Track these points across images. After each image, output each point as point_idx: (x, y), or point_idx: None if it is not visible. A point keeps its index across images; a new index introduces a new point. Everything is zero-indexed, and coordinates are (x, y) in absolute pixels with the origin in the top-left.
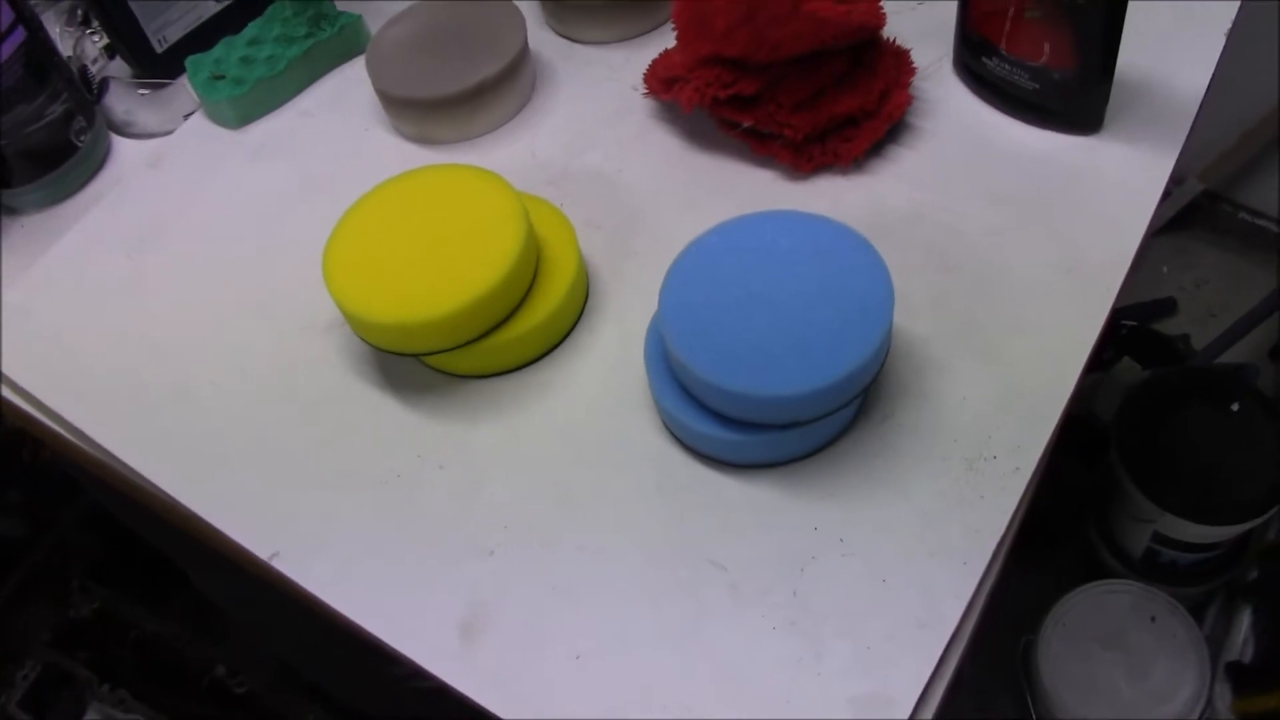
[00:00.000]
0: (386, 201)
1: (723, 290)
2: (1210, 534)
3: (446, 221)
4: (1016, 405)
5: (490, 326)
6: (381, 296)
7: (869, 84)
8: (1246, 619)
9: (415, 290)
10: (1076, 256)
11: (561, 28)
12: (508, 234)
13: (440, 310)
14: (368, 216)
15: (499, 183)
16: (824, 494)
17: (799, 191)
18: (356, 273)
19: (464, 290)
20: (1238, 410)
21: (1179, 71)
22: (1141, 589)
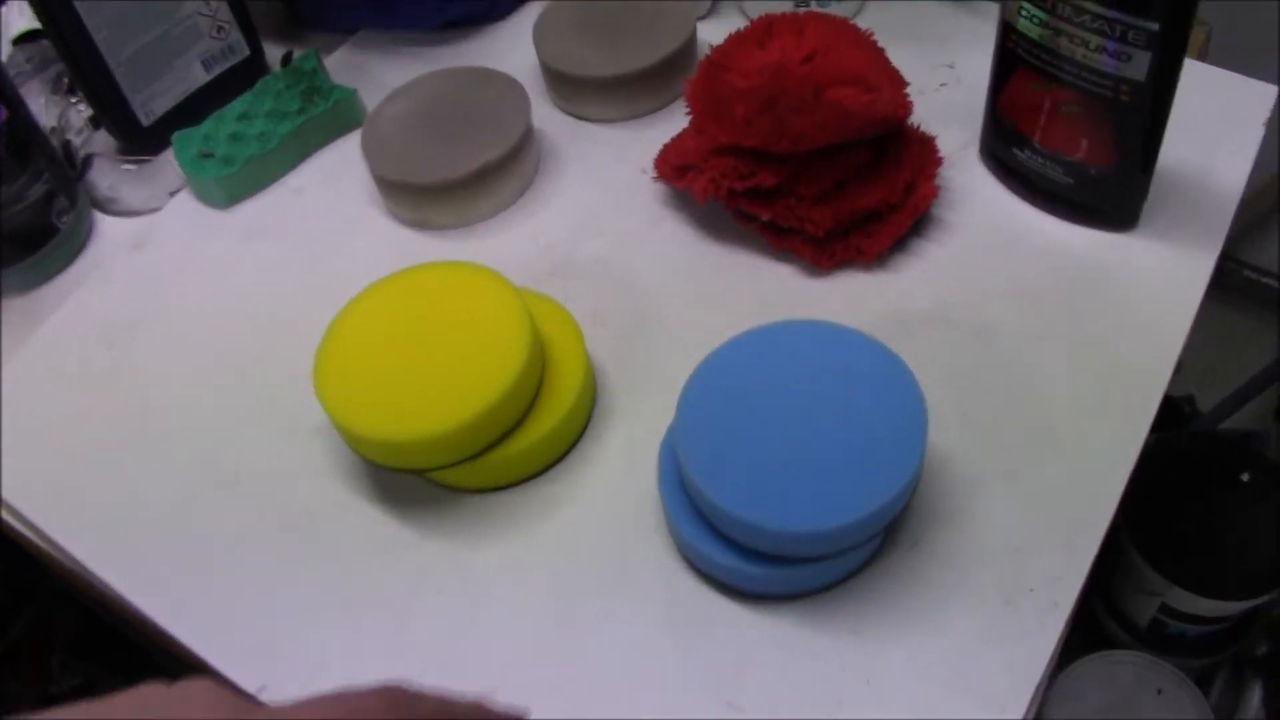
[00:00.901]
0: (380, 303)
1: (743, 411)
2: (1220, 608)
3: (445, 326)
4: (1054, 531)
5: (492, 441)
6: (376, 410)
7: (894, 175)
8: (1257, 694)
9: (412, 403)
10: (1114, 364)
11: (566, 104)
12: (512, 342)
13: (439, 427)
14: (360, 320)
15: (501, 284)
16: (850, 630)
17: (819, 289)
18: (349, 383)
19: (465, 405)
20: (1248, 481)
21: (1216, 162)
22: (1148, 660)
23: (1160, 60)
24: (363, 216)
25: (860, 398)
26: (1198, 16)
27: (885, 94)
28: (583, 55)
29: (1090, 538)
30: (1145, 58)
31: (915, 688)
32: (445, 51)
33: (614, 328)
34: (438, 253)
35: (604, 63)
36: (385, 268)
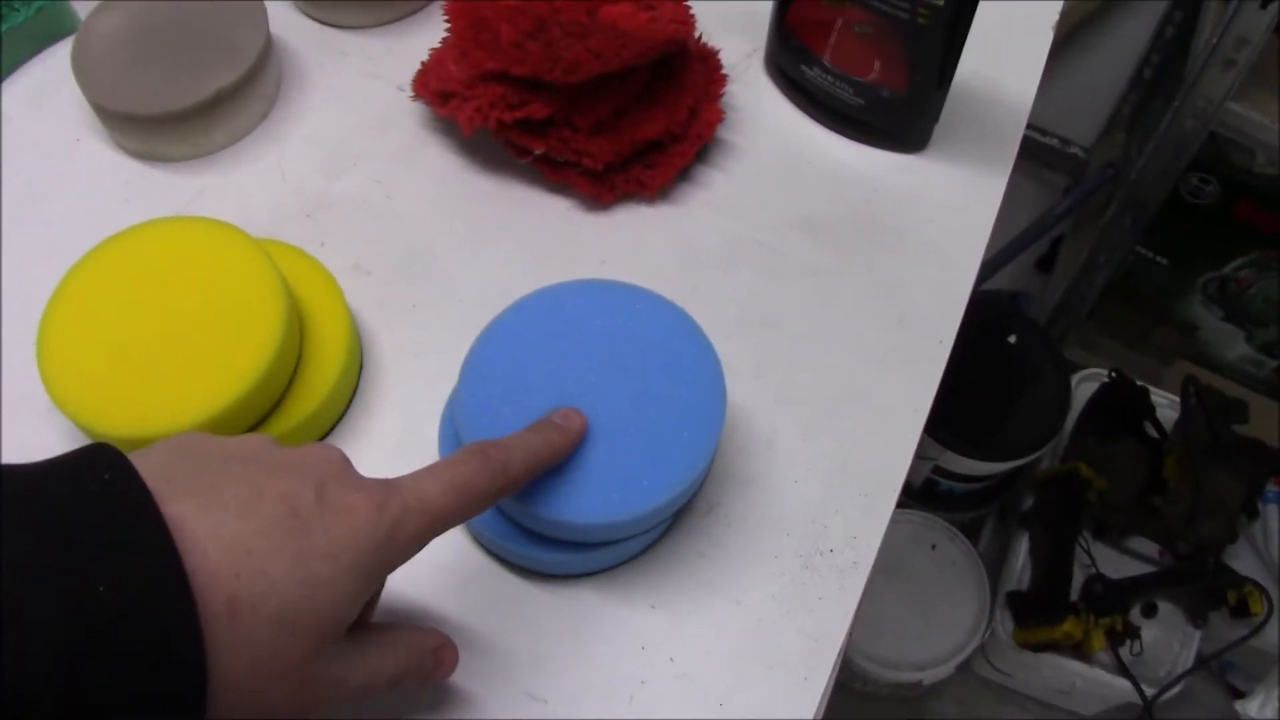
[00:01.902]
0: (110, 270)
1: (531, 388)
2: (990, 468)
3: (187, 297)
4: (850, 488)
5: (247, 429)
6: (112, 400)
7: (675, 99)
8: (1024, 546)
9: (154, 393)
10: (906, 303)
11: (310, 9)
12: (264, 316)
13: (185, 419)
14: (88, 290)
15: (248, 245)
16: (648, 604)
17: (599, 224)
18: (80, 368)
19: (213, 394)
20: (1014, 342)
21: (1005, 76)
22: (922, 517)
23: None
24: (81, 147)
25: (656, 370)
26: None
27: (665, 10)
28: None
29: (887, 494)
30: None
31: (718, 662)
32: None
33: (378, 277)
34: (171, 189)
35: None
36: (112, 210)
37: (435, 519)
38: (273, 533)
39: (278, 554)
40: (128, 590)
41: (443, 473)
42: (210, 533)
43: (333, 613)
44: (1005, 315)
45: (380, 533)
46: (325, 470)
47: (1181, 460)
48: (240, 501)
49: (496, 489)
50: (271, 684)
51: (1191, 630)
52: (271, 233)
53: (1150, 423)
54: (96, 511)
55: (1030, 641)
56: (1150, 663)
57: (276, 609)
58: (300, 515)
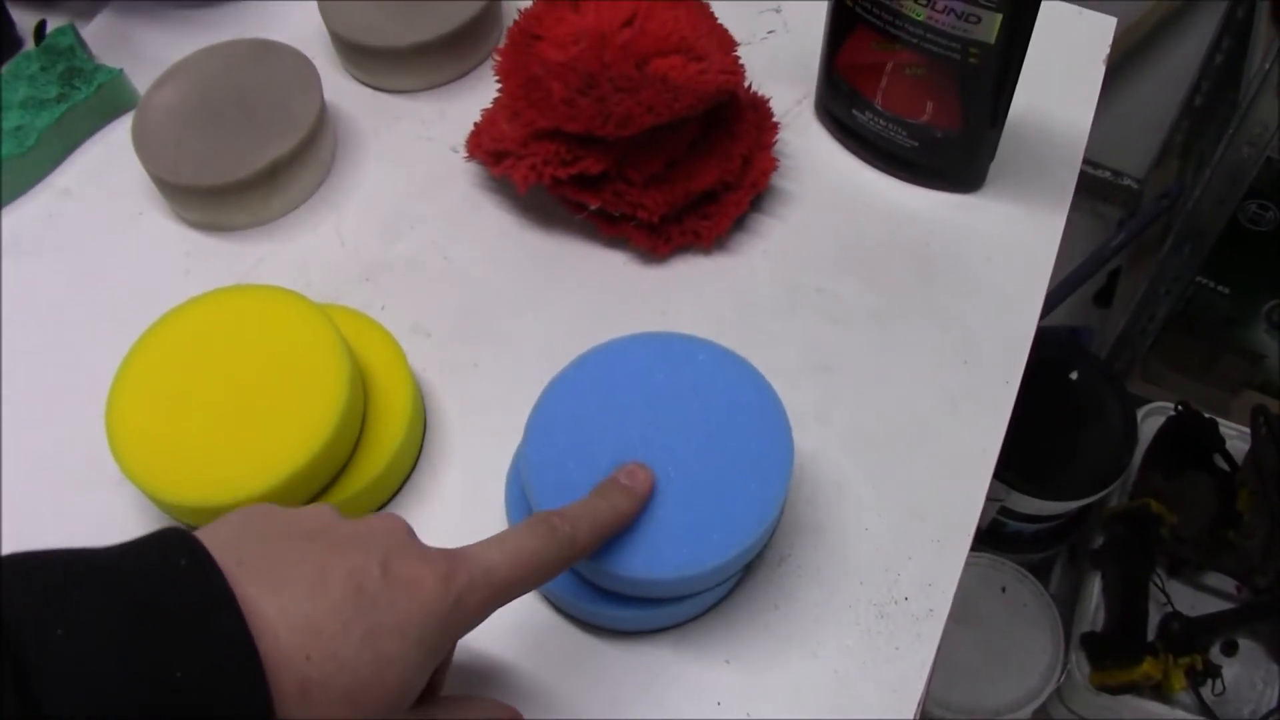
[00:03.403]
0: (175, 340)
1: (596, 443)
2: (1056, 507)
3: (252, 365)
4: (922, 533)
5: (314, 494)
6: (181, 471)
7: (728, 148)
8: (1096, 585)
9: (221, 462)
10: (970, 344)
11: (361, 75)
12: (329, 382)
13: (252, 488)
14: (154, 361)
15: (310, 311)
16: (723, 659)
17: (657, 276)
18: (149, 442)
19: (280, 462)
20: (1076, 378)
21: (1059, 109)
22: (989, 559)
23: (1011, 22)
24: (143, 219)
25: (721, 421)
26: None
27: (714, 61)
28: (376, 21)
29: (960, 537)
30: (995, 19)
31: (796, 716)
32: (217, 16)
33: (438, 338)
34: (231, 258)
35: (400, 28)
36: (174, 281)
37: (500, 590)
38: (341, 612)
39: (346, 634)
40: (207, 674)
41: (508, 543)
42: (281, 614)
43: (400, 688)
44: (1066, 351)
45: (446, 605)
46: (390, 542)
47: (1255, 492)
48: (308, 581)
49: (562, 560)
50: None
51: (1275, 667)
52: (331, 298)
53: (1220, 455)
54: (175, 596)
55: (1108, 684)
56: (1234, 702)
57: (346, 688)
58: (367, 592)
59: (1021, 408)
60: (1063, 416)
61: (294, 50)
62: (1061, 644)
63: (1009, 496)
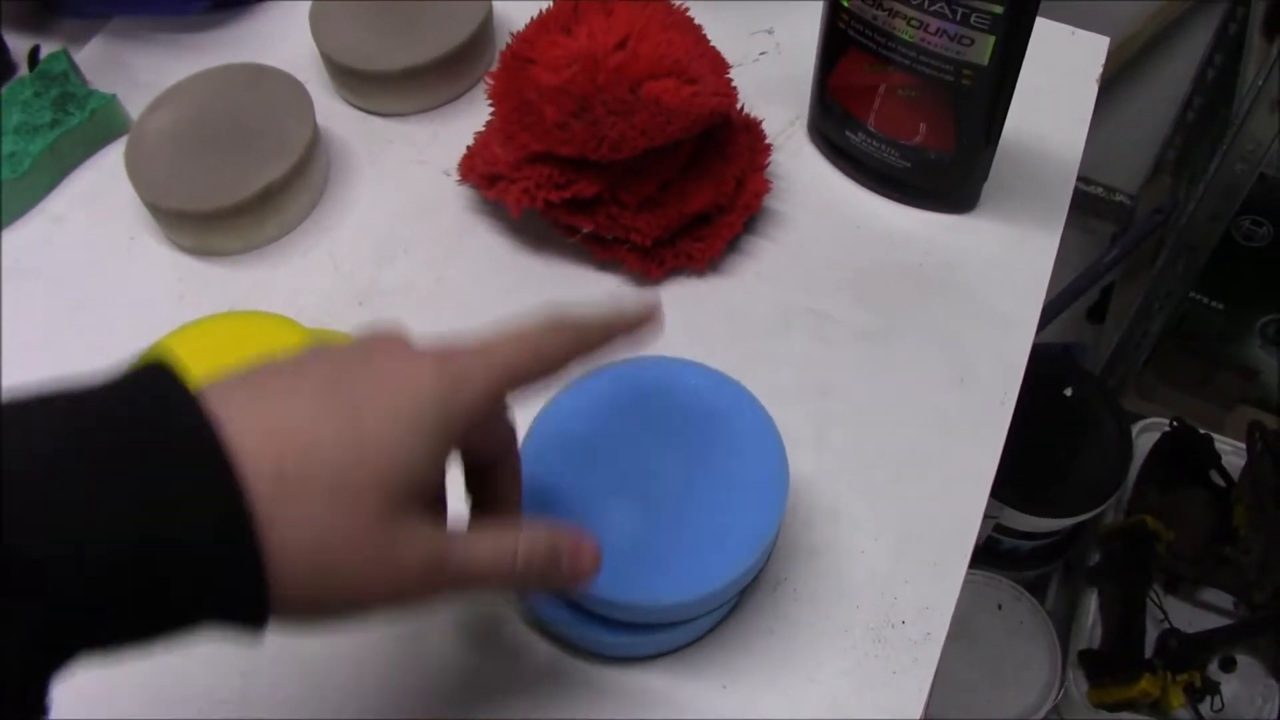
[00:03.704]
0: None
1: (589, 468)
2: (1052, 524)
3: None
4: (918, 556)
5: None
6: None
7: (721, 171)
8: (1093, 602)
9: None
10: (965, 365)
11: (353, 98)
12: None
13: None
14: None
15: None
16: (719, 684)
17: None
18: None
19: None
20: (1070, 395)
21: (1052, 129)
22: (985, 577)
23: (1004, 43)
24: (136, 245)
25: (715, 445)
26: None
27: (707, 84)
28: (368, 44)
29: (957, 560)
30: (988, 41)
31: None
32: (210, 39)
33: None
34: (224, 283)
35: (393, 52)
36: (167, 306)
37: (505, 370)
38: (316, 403)
39: (322, 422)
40: (171, 473)
41: (507, 329)
42: (252, 415)
43: (393, 471)
44: (1060, 368)
45: (441, 385)
46: (376, 342)
47: (1251, 508)
48: (284, 385)
49: (569, 347)
50: (347, 555)
51: (1273, 683)
52: (325, 322)
53: (1216, 470)
54: (131, 407)
55: (1106, 701)
56: (1233, 718)
57: (329, 476)
58: (345, 382)
59: (1016, 424)
60: (1057, 433)
61: (286, 74)
62: (1059, 661)
63: (1004, 513)
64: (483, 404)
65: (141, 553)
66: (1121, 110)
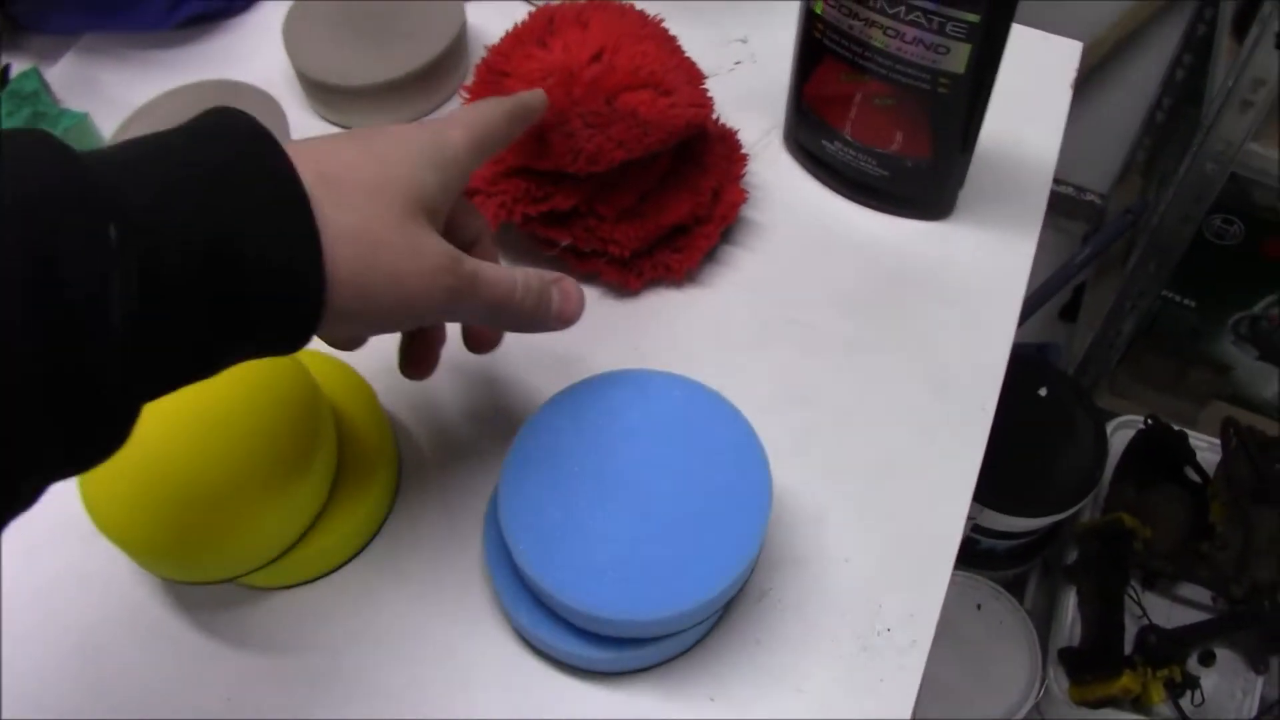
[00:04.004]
0: None
1: (572, 484)
2: (1029, 524)
3: (224, 416)
4: (902, 563)
5: (291, 541)
6: (155, 525)
7: (698, 181)
8: (1071, 600)
9: (192, 513)
10: (944, 371)
11: (328, 113)
12: (302, 427)
13: (226, 539)
14: None
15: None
16: (707, 697)
17: (630, 311)
18: (120, 495)
19: (256, 510)
20: (1045, 395)
21: (1027, 134)
22: (964, 577)
23: (980, 52)
24: None
25: (698, 457)
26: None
27: (683, 95)
28: (342, 59)
29: (941, 567)
30: (965, 50)
31: None
32: (183, 55)
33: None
34: None
35: (368, 67)
36: None
37: (475, 125)
38: (348, 144)
39: (354, 151)
40: (244, 167)
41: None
42: (301, 146)
43: (410, 184)
44: (1034, 368)
45: (431, 134)
46: (388, 126)
47: (1227, 503)
48: (321, 140)
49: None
50: (385, 238)
51: (1253, 676)
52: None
53: (1191, 467)
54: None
55: (1087, 698)
56: (1213, 713)
57: (364, 180)
58: (364, 134)
59: (992, 426)
60: (1033, 433)
61: (260, 90)
62: (1039, 659)
63: (982, 514)
64: (463, 151)
65: (219, 230)
66: (1092, 111)
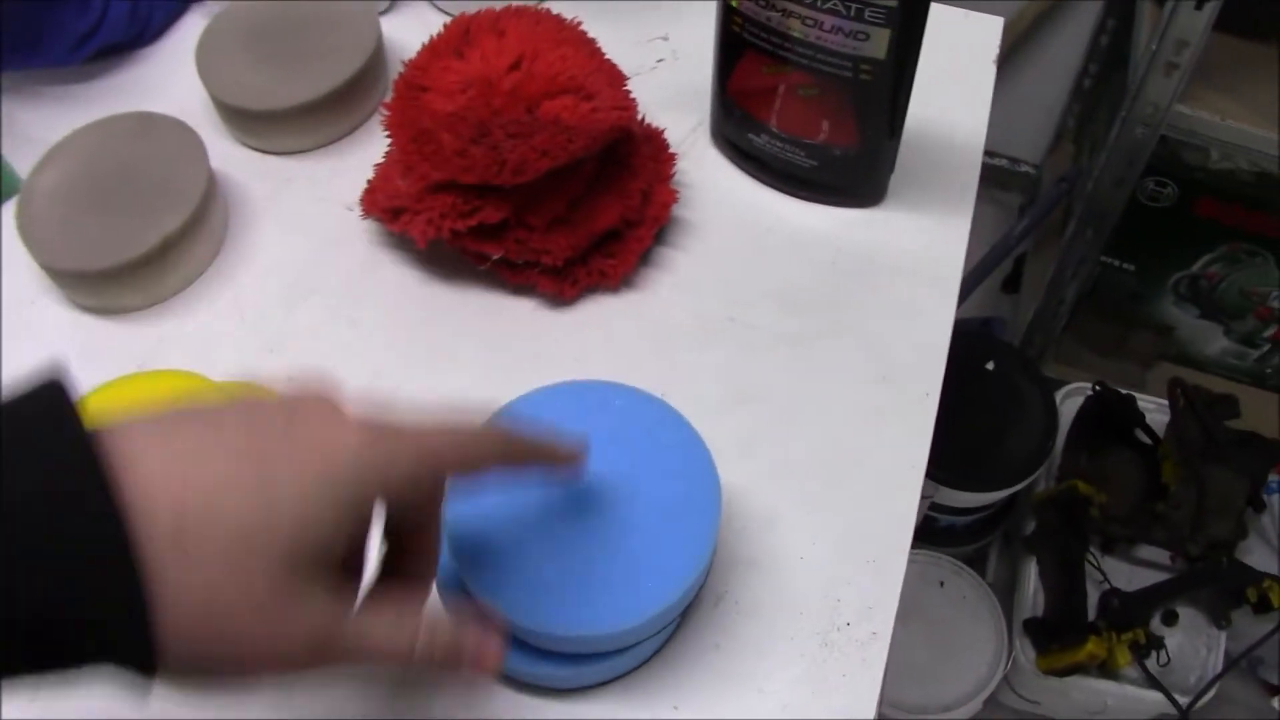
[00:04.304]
0: None
1: (517, 502)
2: (985, 498)
3: None
4: (857, 556)
5: None
6: None
7: (626, 185)
8: (1032, 570)
9: None
10: (887, 359)
11: (247, 139)
12: None
13: None
14: None
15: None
16: (670, 706)
17: (567, 321)
18: None
19: None
20: (993, 368)
21: (954, 114)
22: (925, 556)
23: (901, 36)
24: (35, 307)
25: (644, 466)
26: None
27: (605, 98)
28: (258, 83)
29: (896, 556)
30: (885, 35)
31: None
32: (97, 88)
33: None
34: (129, 341)
35: (285, 89)
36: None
37: (434, 460)
38: (228, 462)
39: (232, 481)
40: (63, 519)
41: (447, 421)
42: (157, 461)
43: (300, 535)
44: (979, 343)
45: (363, 455)
46: (304, 405)
47: (1179, 463)
48: (198, 437)
49: (497, 454)
50: (238, 614)
51: (1216, 632)
52: (236, 373)
53: (1141, 429)
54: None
55: (1055, 667)
56: (1180, 671)
57: (230, 537)
58: (262, 442)
59: (942, 403)
60: (983, 407)
61: (176, 120)
62: (1005, 632)
63: (938, 492)
64: (406, 488)
65: (28, 597)
66: (1020, 82)
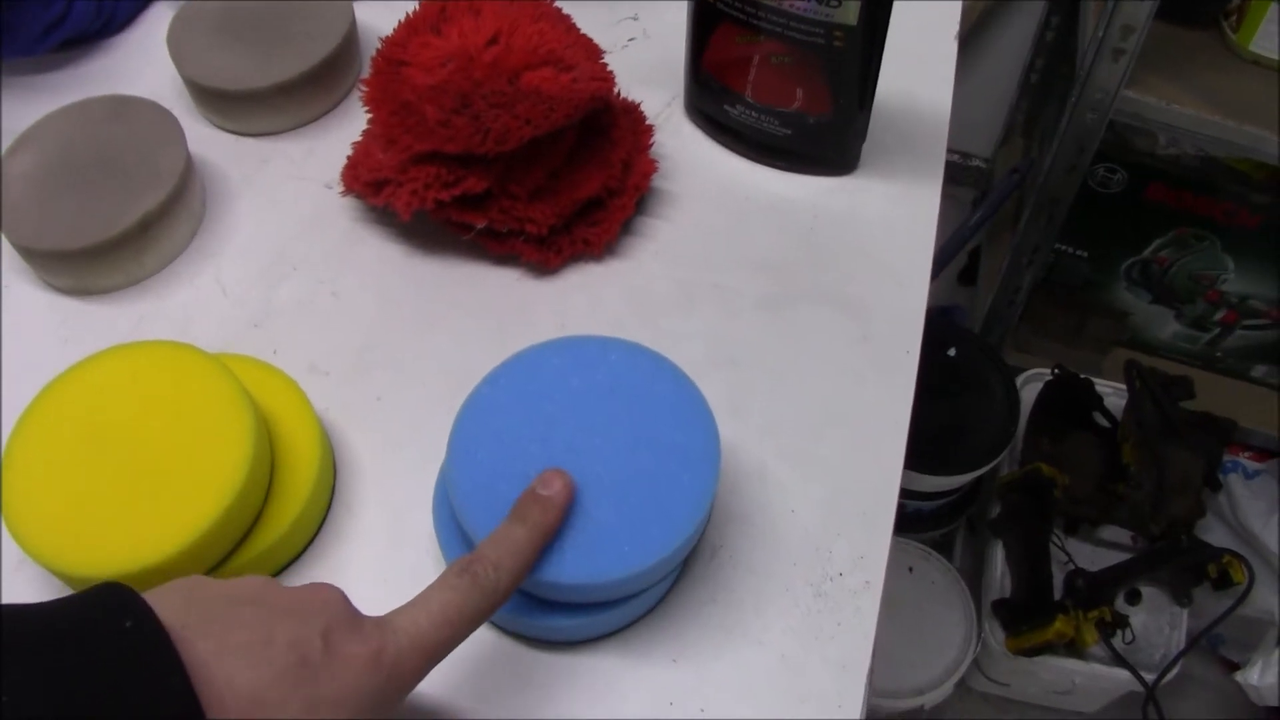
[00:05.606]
0: (63, 411)
1: (520, 457)
2: (950, 483)
3: (150, 426)
4: (848, 509)
5: (226, 553)
6: (85, 541)
7: (607, 155)
8: (999, 553)
9: (131, 529)
10: (866, 320)
11: (223, 121)
12: (232, 433)
13: (168, 550)
14: (44, 438)
15: (204, 361)
16: (669, 658)
17: (552, 289)
18: (49, 517)
19: (189, 519)
20: (955, 355)
21: (919, 85)
22: (893, 541)
23: (870, 2)
24: (11, 290)
25: (643, 417)
26: None
27: (584, 70)
28: (231, 64)
29: (885, 507)
30: (855, 3)
31: (750, 705)
32: (67, 77)
33: (337, 375)
34: (109, 321)
35: (259, 70)
36: (53, 351)
37: (431, 653)
38: (283, 682)
39: (288, 704)
40: None
41: (433, 604)
42: (226, 680)
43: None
44: (940, 330)
45: (380, 679)
46: (329, 614)
47: (1138, 445)
48: (252, 648)
49: (490, 606)
50: None
51: (1178, 610)
52: (220, 348)
53: (1100, 412)
54: (121, 660)
55: (1024, 647)
56: (1145, 649)
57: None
58: (309, 664)
59: None
60: (946, 394)
61: (151, 103)
62: (973, 615)
63: (905, 477)
64: (413, 685)
65: None
66: (968, 78)
